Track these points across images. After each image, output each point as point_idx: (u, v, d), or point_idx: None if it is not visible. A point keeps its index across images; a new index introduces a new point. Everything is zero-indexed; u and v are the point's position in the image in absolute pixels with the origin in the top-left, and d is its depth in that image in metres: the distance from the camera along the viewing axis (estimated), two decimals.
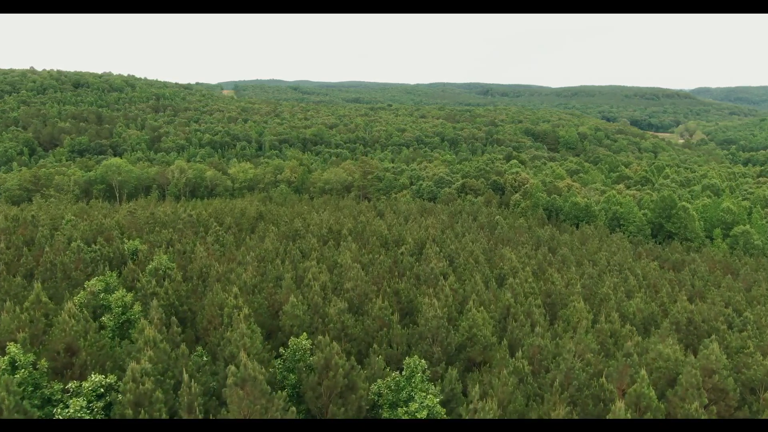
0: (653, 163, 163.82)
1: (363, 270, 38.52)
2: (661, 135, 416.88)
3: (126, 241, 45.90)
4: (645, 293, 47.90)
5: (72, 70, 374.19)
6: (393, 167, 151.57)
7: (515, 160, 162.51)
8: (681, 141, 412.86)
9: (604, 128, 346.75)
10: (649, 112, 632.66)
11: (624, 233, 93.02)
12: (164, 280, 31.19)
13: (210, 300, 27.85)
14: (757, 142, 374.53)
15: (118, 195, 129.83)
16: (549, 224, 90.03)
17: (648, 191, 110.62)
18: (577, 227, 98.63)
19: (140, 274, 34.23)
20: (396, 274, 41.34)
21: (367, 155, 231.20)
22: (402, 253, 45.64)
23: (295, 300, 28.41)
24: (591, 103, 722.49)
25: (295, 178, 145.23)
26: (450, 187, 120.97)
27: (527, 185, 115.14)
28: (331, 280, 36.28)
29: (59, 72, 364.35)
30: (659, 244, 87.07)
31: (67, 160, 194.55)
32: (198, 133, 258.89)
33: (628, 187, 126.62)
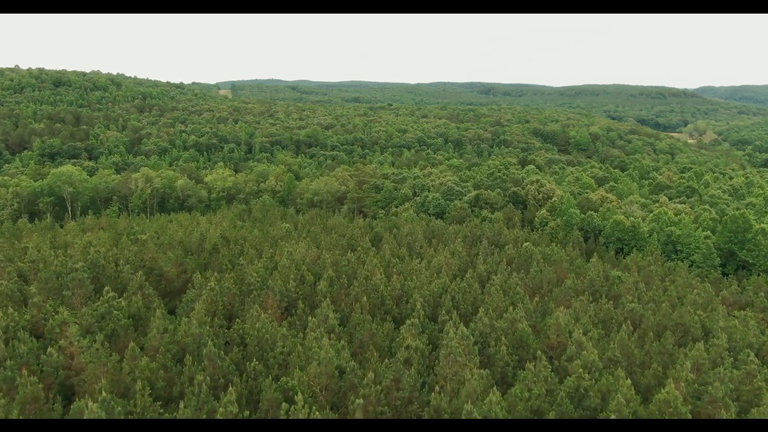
0: (690, 168, 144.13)
1: (335, 413, 19.61)
2: (670, 135, 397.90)
3: None
4: None
5: (58, 69, 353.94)
6: (393, 173, 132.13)
7: (532, 166, 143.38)
8: (692, 141, 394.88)
9: (616, 128, 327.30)
10: (655, 111, 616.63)
11: (683, 262, 73.58)
12: None
13: None
14: None
15: (70, 209, 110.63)
16: (593, 254, 70.45)
17: (702, 207, 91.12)
18: (622, 253, 79.44)
19: None
20: (399, 407, 22.65)
21: (365, 157, 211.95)
22: (408, 361, 26.52)
23: None
24: (595, 102, 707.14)
25: (281, 187, 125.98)
26: (461, 199, 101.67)
27: (554, 198, 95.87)
28: None
29: (40, 70, 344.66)
30: (738, 279, 67.61)
31: (36, 164, 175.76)
32: (183, 134, 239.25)
33: (670, 199, 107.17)
